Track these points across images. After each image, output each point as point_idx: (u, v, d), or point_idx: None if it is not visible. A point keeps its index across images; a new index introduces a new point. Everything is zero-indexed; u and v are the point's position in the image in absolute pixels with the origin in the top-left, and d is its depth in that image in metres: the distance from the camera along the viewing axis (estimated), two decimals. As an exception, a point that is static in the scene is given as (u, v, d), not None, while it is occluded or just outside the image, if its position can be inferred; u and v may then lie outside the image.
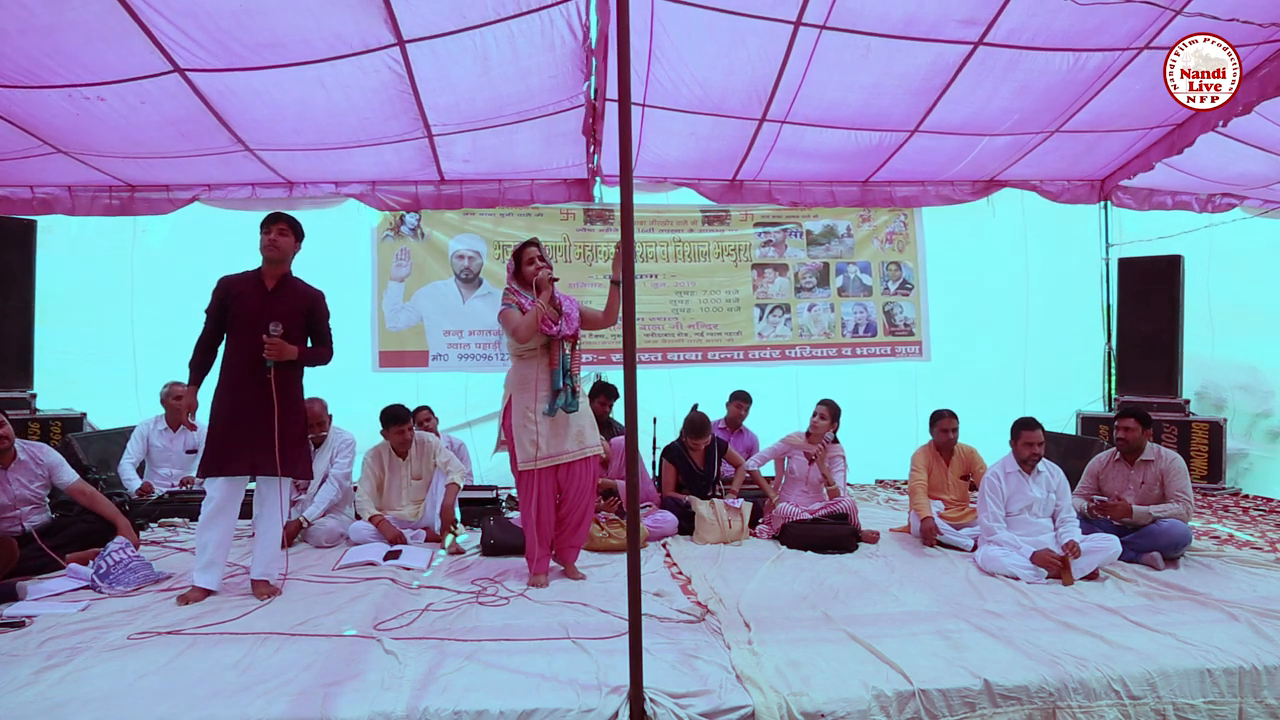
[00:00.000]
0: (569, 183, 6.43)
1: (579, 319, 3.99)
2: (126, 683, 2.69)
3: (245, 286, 3.68)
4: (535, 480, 3.87)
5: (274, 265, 3.72)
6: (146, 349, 6.48)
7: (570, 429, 3.92)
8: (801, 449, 5.08)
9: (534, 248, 3.93)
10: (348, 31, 4.20)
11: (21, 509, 4.11)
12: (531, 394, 3.86)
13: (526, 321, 3.80)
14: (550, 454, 3.88)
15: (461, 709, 2.48)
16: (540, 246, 3.97)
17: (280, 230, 3.71)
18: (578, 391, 3.95)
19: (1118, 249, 7.21)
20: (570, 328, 3.92)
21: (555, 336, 3.84)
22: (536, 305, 3.81)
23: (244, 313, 3.63)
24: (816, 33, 4.51)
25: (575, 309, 3.99)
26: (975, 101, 5.23)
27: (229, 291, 3.67)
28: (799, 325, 7.06)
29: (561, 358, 3.89)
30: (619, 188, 2.69)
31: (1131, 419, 4.44)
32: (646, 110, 5.34)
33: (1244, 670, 2.84)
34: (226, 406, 3.64)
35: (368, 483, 4.84)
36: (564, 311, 3.91)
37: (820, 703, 2.57)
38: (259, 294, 3.67)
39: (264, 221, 3.74)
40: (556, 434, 3.89)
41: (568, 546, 4.06)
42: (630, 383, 2.60)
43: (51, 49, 4.09)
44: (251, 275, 3.73)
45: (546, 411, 3.84)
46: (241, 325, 3.62)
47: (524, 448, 3.87)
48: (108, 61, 4.24)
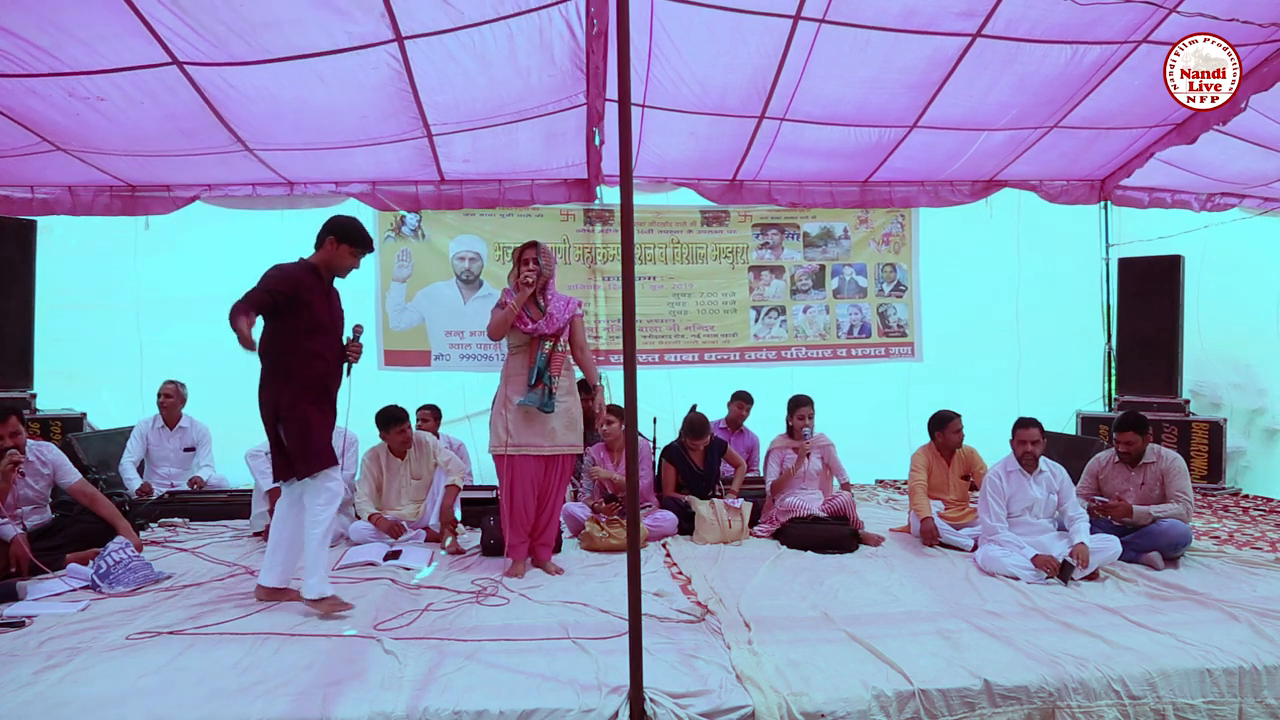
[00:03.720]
0: (569, 183, 6.43)
1: (568, 326, 4.06)
2: (126, 683, 2.69)
3: (313, 282, 3.49)
4: (508, 467, 4.02)
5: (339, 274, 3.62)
6: (152, 348, 6.46)
7: (542, 425, 4.01)
8: (789, 449, 5.09)
9: (531, 249, 4.02)
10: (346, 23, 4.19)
11: (22, 509, 4.11)
12: (513, 386, 4.03)
13: (497, 320, 4.00)
14: (520, 443, 3.98)
15: (461, 709, 2.49)
16: (539, 248, 4.03)
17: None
18: (554, 393, 4.00)
19: (1118, 249, 7.21)
20: (550, 327, 4.00)
21: (532, 334, 3.98)
22: (509, 305, 3.96)
23: (319, 312, 3.47)
24: (815, 26, 4.50)
25: (567, 313, 4.06)
26: (974, 95, 5.22)
27: (302, 285, 3.42)
28: (794, 327, 7.07)
29: (539, 356, 3.99)
30: (619, 188, 2.70)
31: (1130, 432, 4.41)
32: (646, 110, 5.33)
33: (1244, 670, 2.85)
34: (320, 408, 3.48)
35: (366, 484, 4.84)
36: (548, 311, 3.99)
37: (820, 703, 2.58)
38: (324, 293, 3.54)
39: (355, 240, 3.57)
40: (528, 426, 4.00)
41: (538, 544, 4.16)
42: (630, 383, 2.61)
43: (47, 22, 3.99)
44: (311, 272, 3.51)
45: (519, 403, 3.97)
46: (318, 325, 3.47)
47: (496, 433, 4.05)
48: (103, 52, 4.19)
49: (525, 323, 3.99)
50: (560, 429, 4.06)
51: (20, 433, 4.02)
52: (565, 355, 4.08)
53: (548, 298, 4.06)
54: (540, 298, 4.05)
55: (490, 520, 4.59)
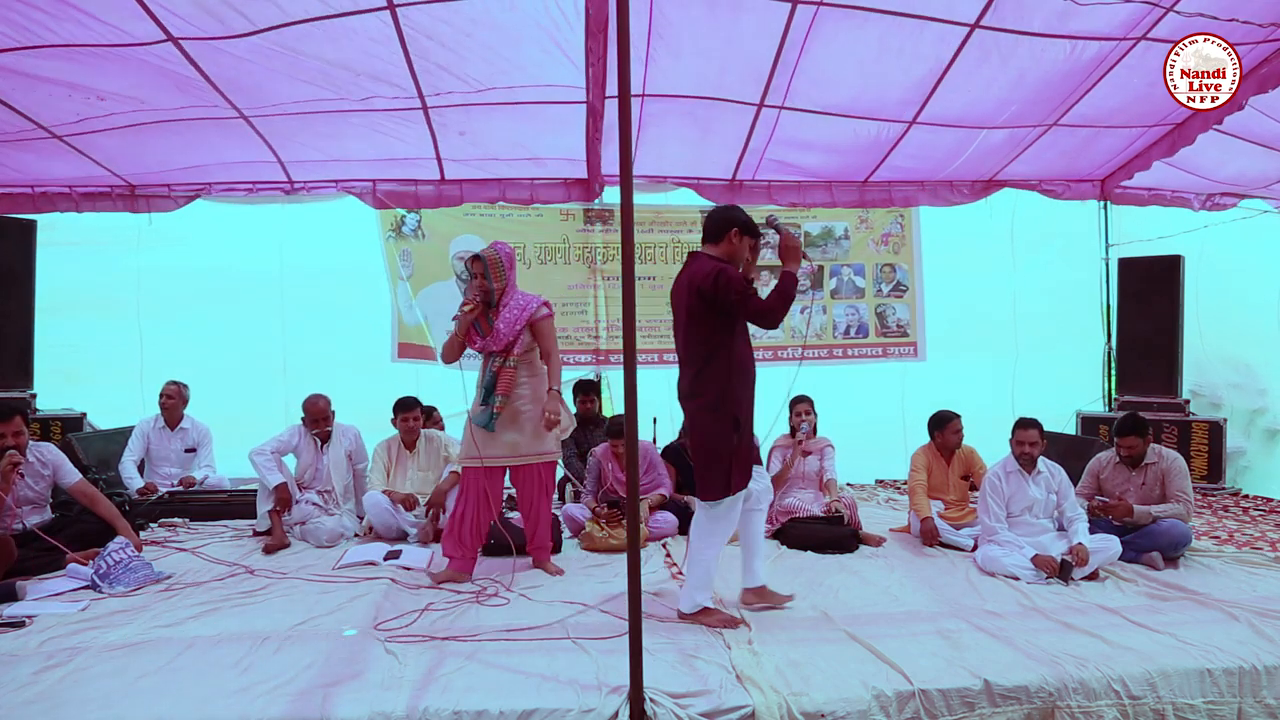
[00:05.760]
0: (569, 182, 6.42)
1: (524, 334, 3.89)
2: (126, 683, 2.69)
3: None
4: (469, 478, 3.97)
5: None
6: (153, 346, 6.46)
7: (500, 439, 3.92)
8: (789, 449, 5.09)
9: (477, 263, 3.95)
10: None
11: (23, 508, 4.11)
12: (475, 399, 3.99)
13: (445, 346, 3.99)
14: (483, 455, 3.90)
15: (461, 709, 2.49)
16: (484, 262, 3.91)
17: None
18: (499, 412, 3.86)
19: (1117, 249, 7.21)
20: (497, 344, 3.87)
21: (480, 351, 3.95)
22: (452, 333, 3.93)
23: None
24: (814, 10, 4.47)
25: (519, 323, 3.88)
26: (973, 90, 5.20)
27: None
28: (791, 327, 7.08)
29: (487, 374, 3.92)
30: (619, 188, 2.69)
31: (1132, 436, 4.40)
32: (646, 101, 5.30)
33: (1244, 670, 2.85)
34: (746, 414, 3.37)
35: (378, 470, 4.99)
36: (495, 326, 3.87)
37: (820, 702, 2.58)
38: None
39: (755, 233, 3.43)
40: (489, 438, 3.92)
41: (533, 547, 4.19)
42: (630, 383, 2.61)
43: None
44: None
45: (472, 419, 3.94)
46: (743, 327, 3.36)
47: (466, 444, 4.01)
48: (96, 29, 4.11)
49: (474, 339, 3.93)
50: (525, 439, 3.94)
51: (23, 433, 4.03)
52: (516, 372, 3.90)
53: (499, 310, 3.91)
54: (492, 312, 3.93)
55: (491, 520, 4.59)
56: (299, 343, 6.48)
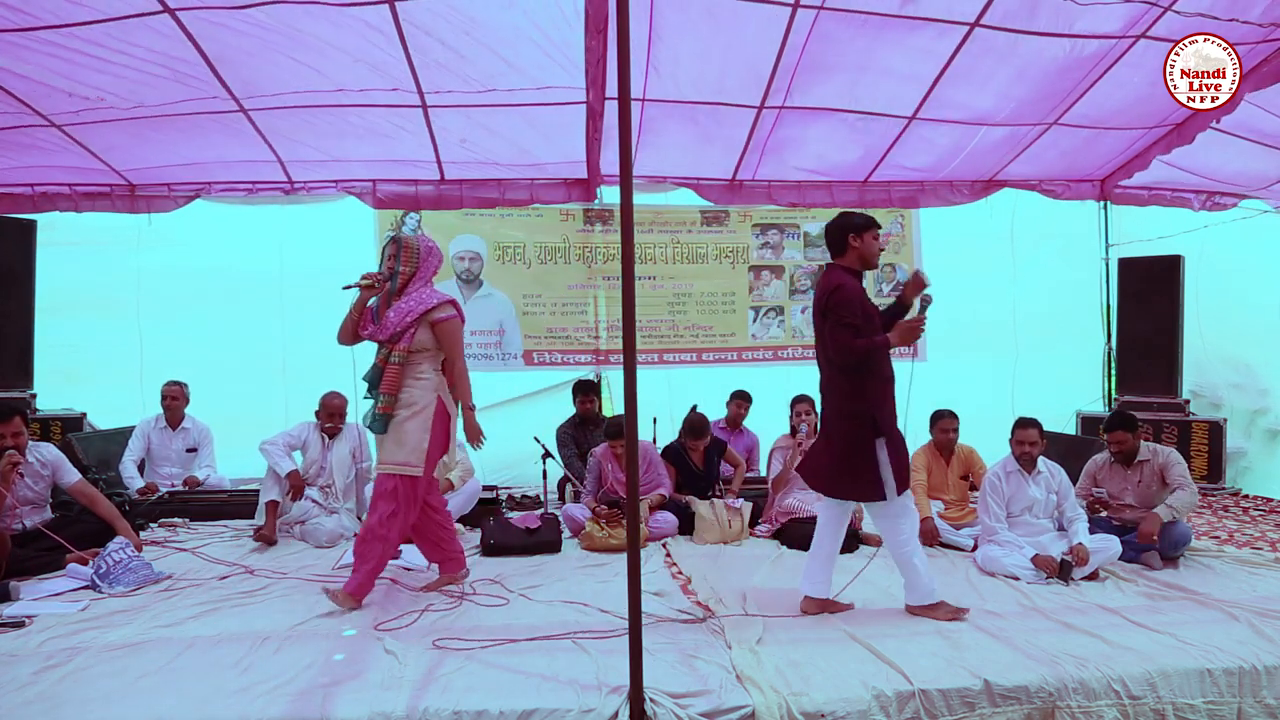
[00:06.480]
0: (569, 183, 6.42)
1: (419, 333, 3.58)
2: (127, 683, 2.69)
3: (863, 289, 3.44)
4: (406, 486, 3.61)
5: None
6: (153, 346, 6.46)
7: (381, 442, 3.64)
8: (790, 448, 5.09)
9: (392, 245, 3.70)
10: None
11: (22, 508, 4.11)
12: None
13: (341, 326, 3.69)
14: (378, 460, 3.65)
15: (461, 709, 2.49)
16: (399, 244, 3.68)
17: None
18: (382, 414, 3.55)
19: (1117, 249, 7.21)
20: (381, 334, 3.59)
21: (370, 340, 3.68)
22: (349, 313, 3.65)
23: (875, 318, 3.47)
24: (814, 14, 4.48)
25: (411, 315, 3.55)
26: (973, 86, 5.20)
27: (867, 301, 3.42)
28: (791, 327, 7.08)
29: (373, 367, 3.65)
30: (619, 188, 2.69)
31: (1120, 431, 4.39)
32: (646, 104, 5.32)
33: (1244, 670, 2.85)
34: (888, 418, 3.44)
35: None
36: (386, 315, 3.59)
37: (820, 703, 2.58)
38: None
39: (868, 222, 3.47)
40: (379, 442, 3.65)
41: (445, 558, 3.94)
42: (630, 383, 2.61)
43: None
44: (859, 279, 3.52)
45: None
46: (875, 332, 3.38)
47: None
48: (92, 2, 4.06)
49: (365, 325, 3.65)
50: (389, 445, 3.56)
51: (22, 433, 4.03)
52: (401, 370, 3.57)
53: (398, 299, 3.61)
54: (393, 298, 3.64)
55: (490, 520, 4.60)
56: (299, 343, 6.46)
